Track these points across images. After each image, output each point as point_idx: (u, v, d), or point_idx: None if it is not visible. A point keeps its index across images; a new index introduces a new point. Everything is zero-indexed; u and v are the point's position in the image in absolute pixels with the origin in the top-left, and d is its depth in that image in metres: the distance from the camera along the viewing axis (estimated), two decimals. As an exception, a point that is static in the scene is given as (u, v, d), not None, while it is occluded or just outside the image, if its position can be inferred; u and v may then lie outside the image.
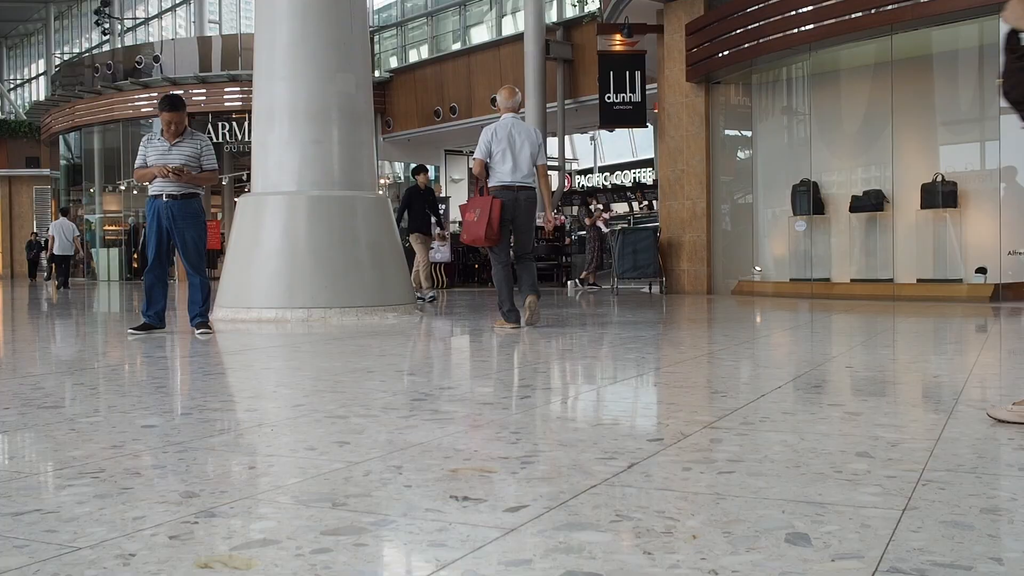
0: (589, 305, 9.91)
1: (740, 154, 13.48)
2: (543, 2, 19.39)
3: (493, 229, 6.63)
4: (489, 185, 6.79)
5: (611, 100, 15.12)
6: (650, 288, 14.03)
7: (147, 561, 1.62)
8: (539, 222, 9.71)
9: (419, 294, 10.81)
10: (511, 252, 6.96)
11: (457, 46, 23.08)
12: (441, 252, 15.94)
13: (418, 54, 24.44)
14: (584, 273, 14.72)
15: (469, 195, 14.24)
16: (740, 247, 13.02)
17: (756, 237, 12.90)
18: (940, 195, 10.64)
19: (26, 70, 40.83)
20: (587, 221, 15.08)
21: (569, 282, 15.03)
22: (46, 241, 23.81)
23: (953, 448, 2.52)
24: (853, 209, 11.53)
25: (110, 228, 28.87)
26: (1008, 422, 2.88)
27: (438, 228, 11.78)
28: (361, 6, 8.84)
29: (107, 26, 31.09)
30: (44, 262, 25.07)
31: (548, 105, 19.51)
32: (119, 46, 30.41)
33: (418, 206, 11.29)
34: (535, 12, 18.99)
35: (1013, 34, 2.79)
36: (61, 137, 30.22)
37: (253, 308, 7.88)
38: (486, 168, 6.80)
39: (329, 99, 8.31)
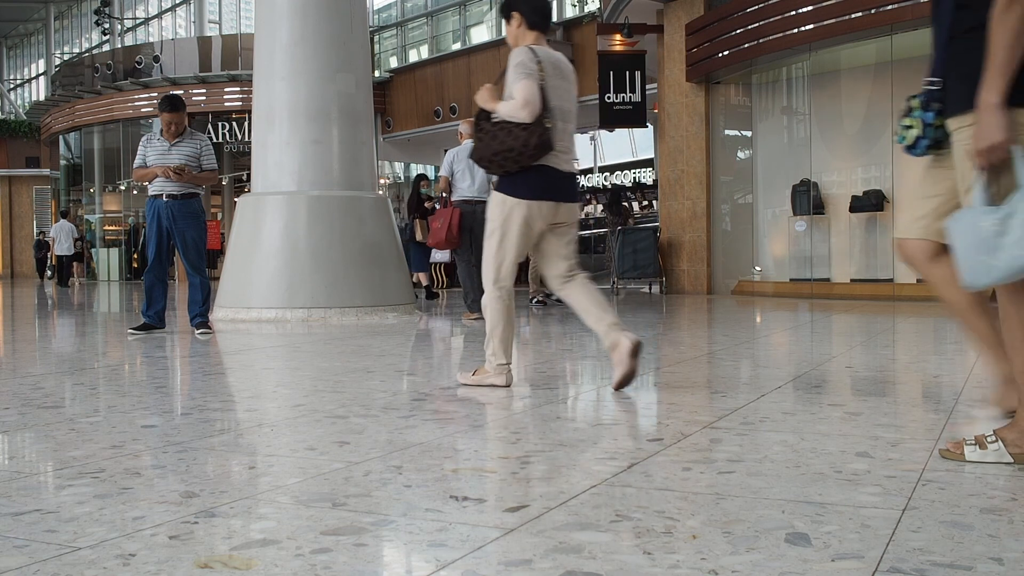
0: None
1: (740, 154, 13.47)
2: (543, 2, 19.35)
3: (453, 234, 7.78)
4: (453, 199, 7.97)
5: (611, 100, 15.10)
6: (650, 288, 14.02)
7: (147, 561, 1.62)
8: None
9: (539, 297, 10.25)
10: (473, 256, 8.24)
11: (457, 46, 23.08)
12: (442, 252, 15.87)
13: (418, 54, 24.43)
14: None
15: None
16: (740, 247, 13.01)
17: (756, 237, 12.89)
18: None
19: (26, 70, 40.81)
20: (631, 221, 14.46)
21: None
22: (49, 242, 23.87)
23: (953, 448, 2.51)
24: (853, 209, 11.52)
25: (110, 228, 28.85)
26: (466, 384, 3.75)
27: None
28: (361, 6, 8.84)
29: (107, 26, 31.07)
30: (50, 262, 25.04)
31: (548, 105, 19.47)
32: (119, 46, 30.38)
33: None
34: (535, 12, 18.95)
35: (483, 111, 3.67)
36: (61, 137, 30.21)
37: (253, 308, 7.88)
38: (450, 185, 8.04)
39: (329, 99, 8.31)
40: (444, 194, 8.23)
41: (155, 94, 23.86)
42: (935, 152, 2.41)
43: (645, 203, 25.13)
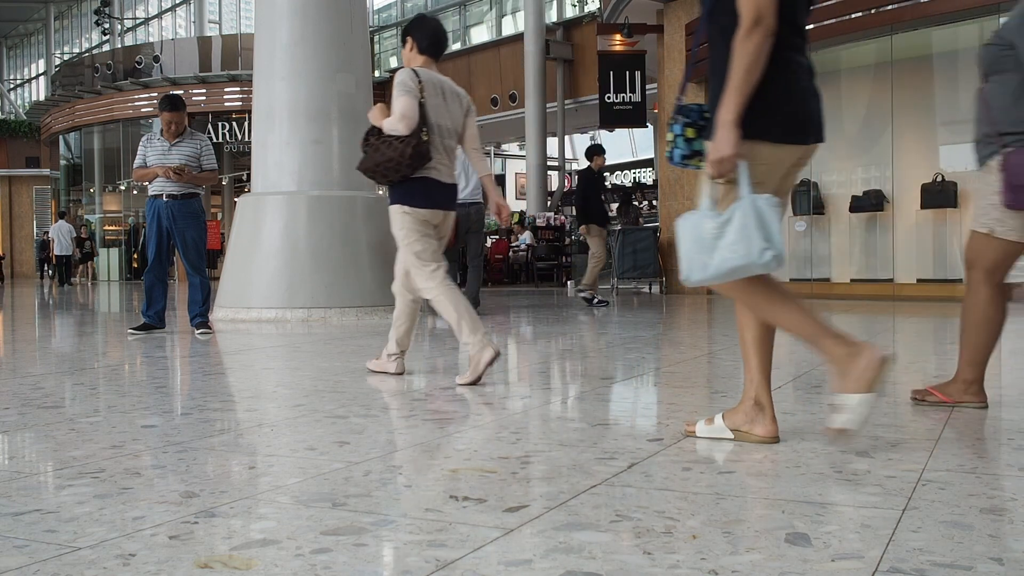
0: (589, 306, 9.91)
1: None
2: (543, 2, 19.39)
3: (451, 237, 8.10)
4: None
5: (611, 100, 15.12)
6: (650, 288, 14.02)
7: (147, 561, 1.62)
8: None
9: (587, 295, 9.96)
10: (465, 256, 8.73)
11: (457, 46, 23.07)
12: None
13: (418, 54, 24.41)
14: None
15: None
16: (740, 247, 12.99)
17: (756, 237, 12.87)
18: (940, 195, 10.64)
19: (26, 70, 40.83)
20: (641, 222, 14.26)
21: (569, 282, 14.99)
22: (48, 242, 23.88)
23: (953, 448, 2.52)
24: (853, 209, 11.52)
25: (110, 228, 28.88)
26: (375, 372, 4.03)
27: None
28: (361, 5, 8.84)
29: (107, 26, 31.09)
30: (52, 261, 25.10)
31: (548, 105, 19.51)
32: (119, 46, 30.41)
33: (595, 193, 10.31)
34: (535, 12, 18.99)
35: (373, 128, 4.07)
36: (61, 137, 30.22)
37: (253, 308, 7.88)
38: None
39: (329, 99, 8.31)
40: None
41: (155, 94, 23.87)
42: (698, 163, 2.54)
43: (644, 203, 25.13)
